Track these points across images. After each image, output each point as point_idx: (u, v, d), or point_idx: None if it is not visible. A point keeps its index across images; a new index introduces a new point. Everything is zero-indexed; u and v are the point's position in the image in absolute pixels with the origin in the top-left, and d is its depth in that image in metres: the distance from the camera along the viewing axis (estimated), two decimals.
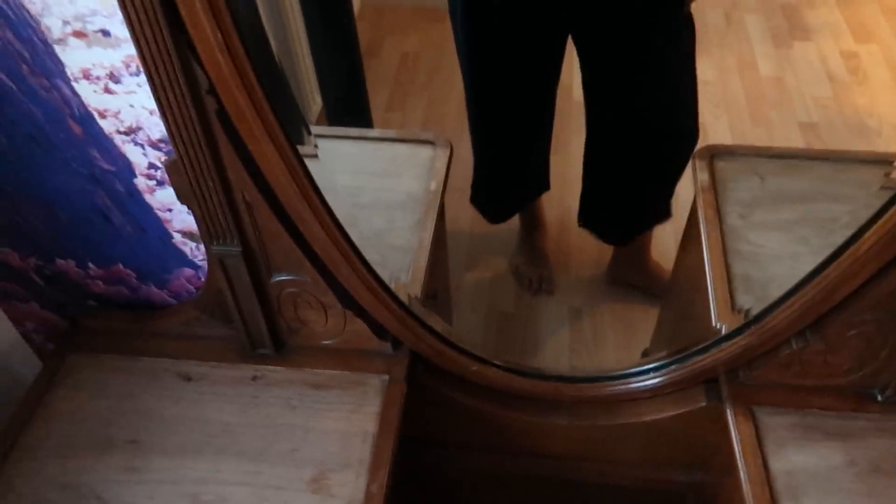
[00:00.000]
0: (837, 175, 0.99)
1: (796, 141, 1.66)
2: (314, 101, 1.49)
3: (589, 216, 1.41)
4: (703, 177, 1.00)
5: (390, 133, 1.13)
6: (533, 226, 1.54)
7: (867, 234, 0.64)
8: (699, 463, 0.94)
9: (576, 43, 1.16)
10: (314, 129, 1.11)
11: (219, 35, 0.58)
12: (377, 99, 1.88)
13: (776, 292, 0.74)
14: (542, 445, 0.96)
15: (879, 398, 0.79)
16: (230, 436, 0.81)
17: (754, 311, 0.78)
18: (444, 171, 1.05)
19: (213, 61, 0.60)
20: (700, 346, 0.80)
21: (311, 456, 0.79)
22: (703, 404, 0.83)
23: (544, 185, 1.47)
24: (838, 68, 1.79)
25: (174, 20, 0.58)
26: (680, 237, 1.15)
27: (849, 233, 0.67)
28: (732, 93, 1.80)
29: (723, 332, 0.79)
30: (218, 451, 0.80)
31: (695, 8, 1.08)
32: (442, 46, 1.90)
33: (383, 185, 1.05)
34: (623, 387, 0.86)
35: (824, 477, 0.74)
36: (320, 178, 0.72)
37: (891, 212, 0.62)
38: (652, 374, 0.84)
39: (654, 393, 0.85)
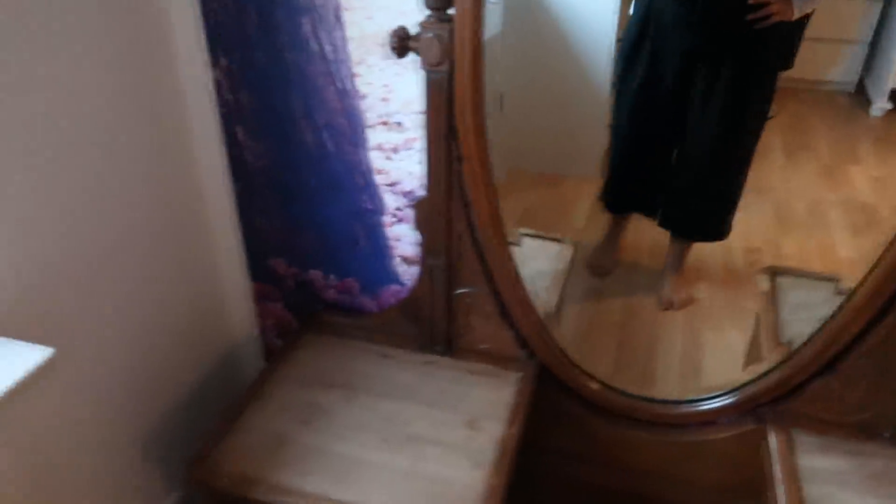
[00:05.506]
0: None
1: None
2: None
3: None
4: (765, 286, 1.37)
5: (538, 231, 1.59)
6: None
7: (860, 290, 0.99)
8: (753, 491, 1.21)
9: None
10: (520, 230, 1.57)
11: (473, 126, 1.05)
12: None
13: None
14: (628, 458, 1.26)
15: (886, 435, 1.08)
16: (411, 390, 1.19)
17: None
18: (570, 257, 1.48)
19: (468, 142, 1.07)
20: (751, 378, 1.13)
21: (467, 409, 1.15)
22: (753, 426, 1.14)
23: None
24: None
25: (450, 123, 1.07)
26: None
27: None
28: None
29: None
30: (403, 398, 1.17)
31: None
32: None
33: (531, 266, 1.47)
34: (692, 409, 1.18)
35: (838, 474, 1.02)
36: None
37: (879, 268, 0.97)
38: (715, 400, 1.16)
39: (716, 415, 1.17)
